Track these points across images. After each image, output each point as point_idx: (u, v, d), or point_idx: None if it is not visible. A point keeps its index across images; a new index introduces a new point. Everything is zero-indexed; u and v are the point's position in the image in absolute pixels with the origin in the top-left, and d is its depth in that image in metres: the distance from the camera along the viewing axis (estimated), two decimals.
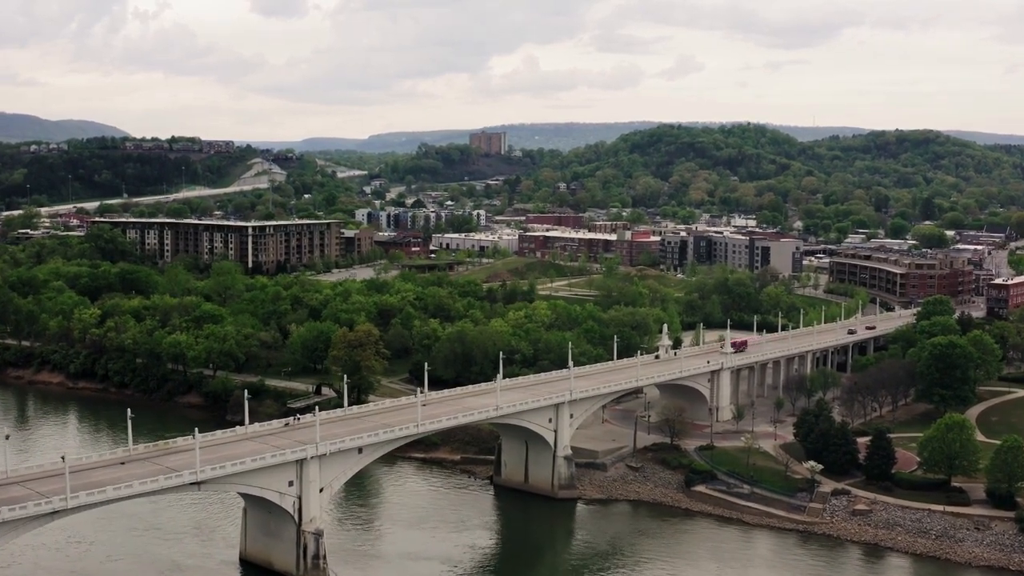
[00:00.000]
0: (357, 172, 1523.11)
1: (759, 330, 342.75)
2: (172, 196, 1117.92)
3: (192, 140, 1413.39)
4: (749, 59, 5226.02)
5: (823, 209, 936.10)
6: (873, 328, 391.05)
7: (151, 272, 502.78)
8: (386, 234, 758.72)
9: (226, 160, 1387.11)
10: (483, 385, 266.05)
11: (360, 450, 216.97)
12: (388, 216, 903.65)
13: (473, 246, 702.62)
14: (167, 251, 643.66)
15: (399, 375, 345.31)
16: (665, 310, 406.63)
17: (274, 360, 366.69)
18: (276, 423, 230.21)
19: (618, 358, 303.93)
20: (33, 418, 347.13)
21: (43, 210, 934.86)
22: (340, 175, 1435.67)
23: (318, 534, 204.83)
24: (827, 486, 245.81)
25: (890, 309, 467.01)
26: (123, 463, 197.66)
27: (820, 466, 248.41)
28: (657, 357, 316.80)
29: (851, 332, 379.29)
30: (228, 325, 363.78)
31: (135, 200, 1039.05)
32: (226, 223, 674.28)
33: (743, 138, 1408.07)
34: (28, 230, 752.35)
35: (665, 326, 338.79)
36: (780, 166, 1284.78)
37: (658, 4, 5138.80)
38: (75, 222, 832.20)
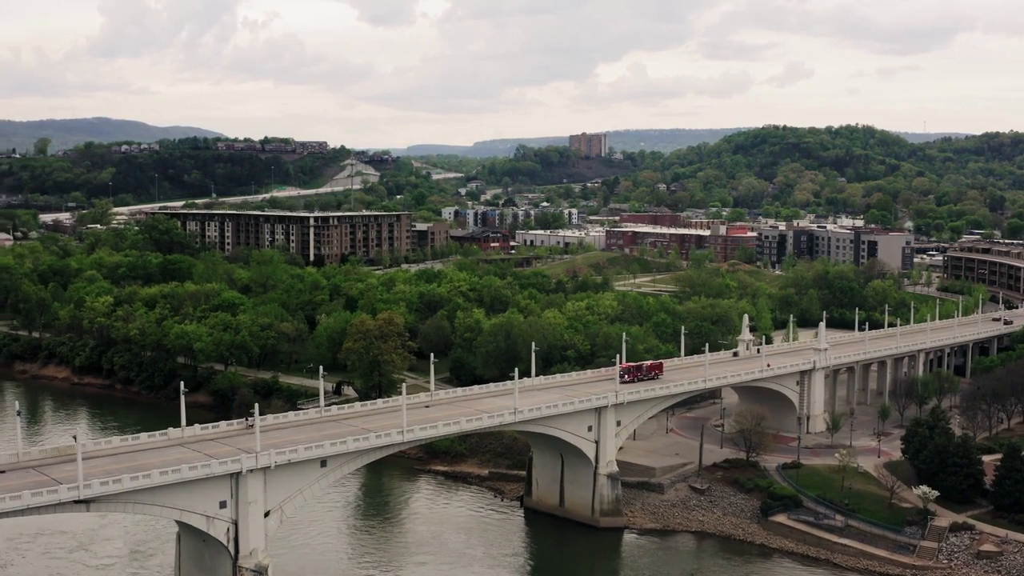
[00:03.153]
0: (453, 174, 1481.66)
1: (861, 327, 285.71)
2: (260, 196, 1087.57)
3: (285, 141, 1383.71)
4: (861, 65, 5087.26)
5: (935, 209, 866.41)
6: (1011, 323, 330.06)
7: (194, 262, 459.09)
8: (464, 230, 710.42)
9: (319, 161, 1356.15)
10: (509, 384, 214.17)
11: (323, 462, 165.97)
12: (475, 214, 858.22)
13: (558, 242, 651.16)
14: (228, 243, 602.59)
15: (440, 374, 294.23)
16: (754, 304, 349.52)
17: (299, 355, 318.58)
18: (237, 423, 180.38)
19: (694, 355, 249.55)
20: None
21: (124, 208, 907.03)
22: (435, 177, 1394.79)
23: (259, 572, 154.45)
24: (944, 519, 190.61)
25: (1013, 306, 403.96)
26: (2, 471, 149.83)
27: (935, 492, 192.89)
28: (736, 354, 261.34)
29: (1006, 322, 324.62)
30: (243, 315, 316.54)
31: (221, 200, 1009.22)
32: (287, 214, 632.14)
33: (851, 139, 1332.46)
34: (98, 224, 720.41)
35: (746, 317, 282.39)
36: (890, 167, 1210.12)
37: (768, 9, 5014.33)
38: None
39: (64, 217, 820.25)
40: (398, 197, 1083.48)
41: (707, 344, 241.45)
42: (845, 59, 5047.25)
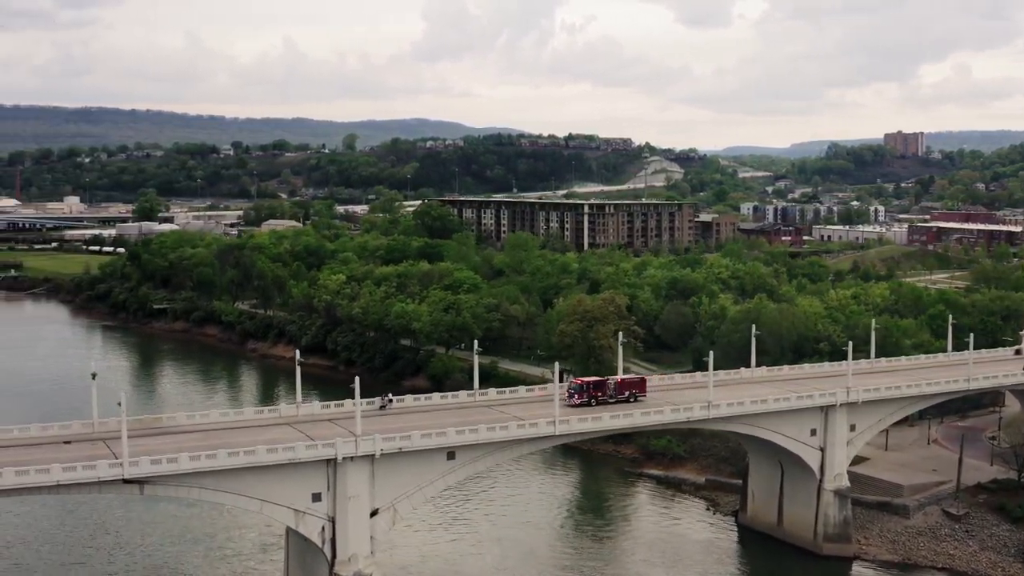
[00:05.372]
0: (762, 173, 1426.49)
1: None
2: (560, 192, 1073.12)
3: (590, 138, 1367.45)
4: None
5: None
6: None
7: (453, 245, 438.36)
8: (758, 224, 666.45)
9: (623, 158, 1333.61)
10: (721, 374, 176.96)
11: (451, 454, 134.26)
12: (775, 209, 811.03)
13: (857, 238, 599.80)
14: (504, 231, 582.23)
15: (683, 367, 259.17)
16: None
17: (530, 341, 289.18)
18: (366, 403, 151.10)
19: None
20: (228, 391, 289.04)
21: (416, 202, 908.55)
22: (742, 175, 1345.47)
23: None
24: None
25: None
26: (68, 442, 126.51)
27: None
28: (1019, 352, 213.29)
29: None
30: (464, 295, 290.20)
31: (521, 195, 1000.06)
32: (562, 201, 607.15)
33: None
34: (385, 214, 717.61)
35: None
36: None
37: None
38: None
39: (359, 209, 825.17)
40: (700, 194, 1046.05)
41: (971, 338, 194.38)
42: None
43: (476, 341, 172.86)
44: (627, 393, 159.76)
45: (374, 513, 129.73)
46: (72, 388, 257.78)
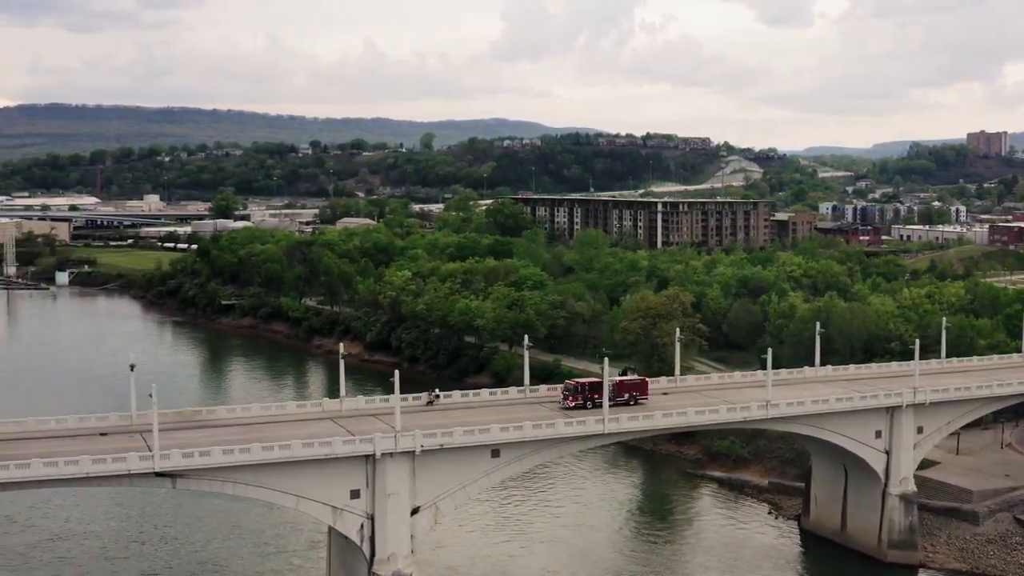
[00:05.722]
0: (842, 173, 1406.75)
1: None
2: (637, 191, 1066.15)
3: (668, 137, 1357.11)
4: None
5: None
6: None
7: (522, 242, 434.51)
8: (836, 224, 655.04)
9: (701, 158, 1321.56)
10: (783, 373, 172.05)
11: (495, 451, 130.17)
12: (854, 209, 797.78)
13: (936, 238, 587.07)
14: (576, 229, 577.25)
15: (751, 366, 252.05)
16: None
17: (596, 339, 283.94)
18: (413, 398, 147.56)
19: None
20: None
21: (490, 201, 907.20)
22: (822, 175, 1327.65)
23: None
24: None
25: None
26: (104, 434, 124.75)
27: None
28: None
29: None
30: (528, 291, 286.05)
31: (597, 194, 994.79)
32: (635, 199, 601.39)
33: None
34: (460, 212, 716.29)
35: None
36: None
37: None
38: None
39: (435, 207, 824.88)
40: (779, 194, 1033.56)
41: None
42: None
43: (527, 336, 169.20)
44: (627, 396, 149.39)
45: (415, 511, 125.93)
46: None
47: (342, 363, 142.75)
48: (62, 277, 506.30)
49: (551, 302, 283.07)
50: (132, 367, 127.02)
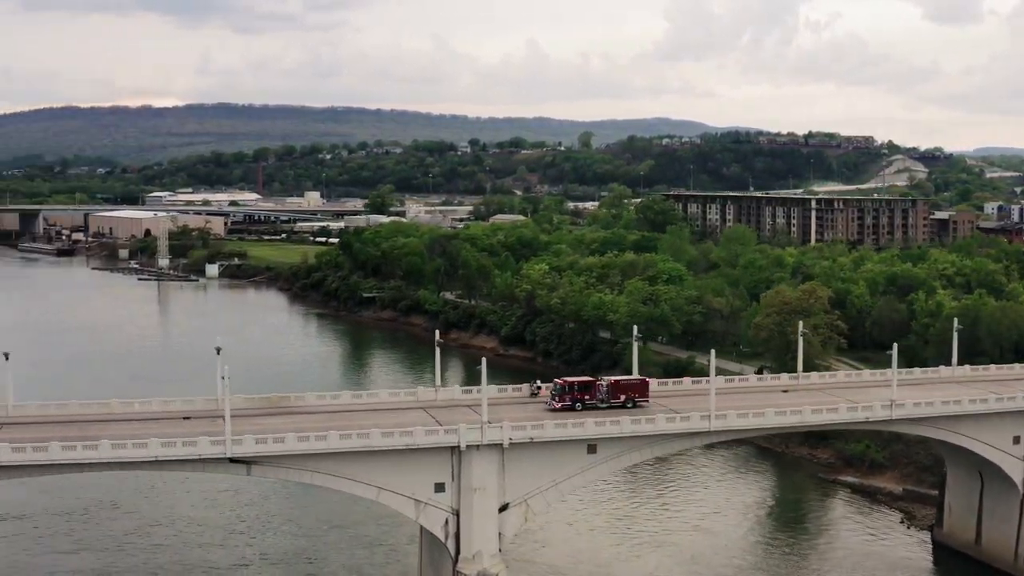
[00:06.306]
0: (1011, 173, 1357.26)
1: None
2: (796, 191, 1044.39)
3: (830, 136, 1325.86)
4: None
5: None
6: None
7: (667, 238, 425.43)
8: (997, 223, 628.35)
9: (864, 157, 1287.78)
10: (917, 372, 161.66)
11: (592, 447, 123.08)
12: (1020, 209, 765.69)
13: None
14: (728, 224, 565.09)
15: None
16: None
17: (738, 336, 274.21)
18: (512, 389, 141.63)
19: None
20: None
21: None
22: (989, 175, 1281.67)
23: None
24: None
25: None
26: (187, 418, 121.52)
27: None
28: None
29: None
30: (662, 285, 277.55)
31: (756, 193, 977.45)
32: (789, 196, 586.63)
33: None
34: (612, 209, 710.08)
35: None
36: None
37: None
38: None
39: (590, 205, 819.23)
40: (944, 194, 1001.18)
41: None
42: None
43: (635, 327, 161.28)
44: (623, 397, 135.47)
45: (503, 508, 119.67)
46: (268, 371, 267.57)
47: (438, 351, 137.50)
48: (212, 269, 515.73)
49: (687, 297, 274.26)
50: (218, 350, 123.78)
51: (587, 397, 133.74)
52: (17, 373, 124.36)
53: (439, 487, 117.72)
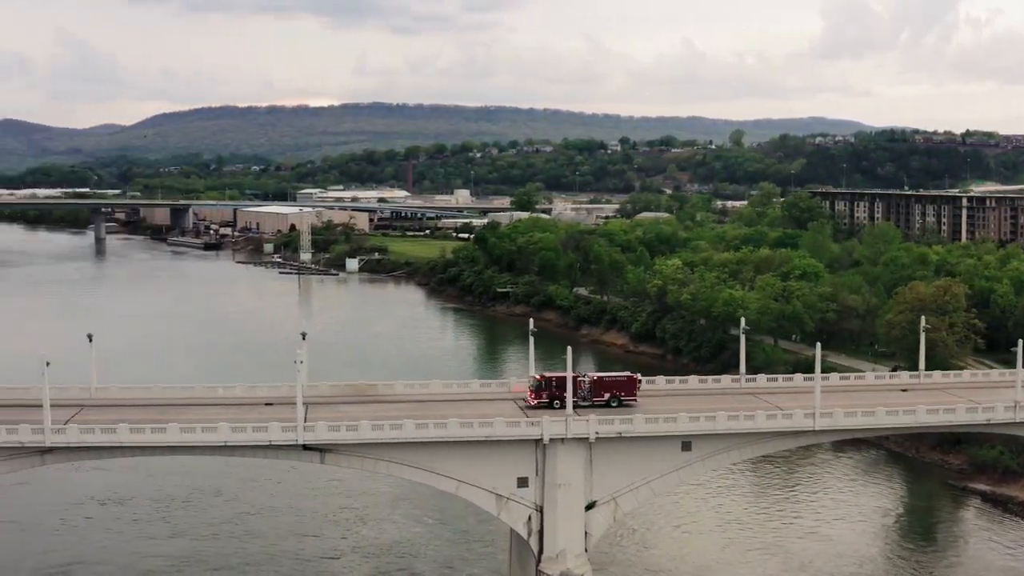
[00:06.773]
0: None
1: None
2: (955, 191, 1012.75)
3: (988, 135, 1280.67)
4: None
5: None
6: None
7: (809, 235, 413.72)
8: None
9: None
10: None
11: (687, 444, 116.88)
12: None
13: None
14: (877, 223, 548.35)
15: None
16: None
17: (874, 334, 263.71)
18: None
19: None
20: None
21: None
22: None
23: None
24: None
25: None
26: (270, 404, 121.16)
27: None
28: None
29: None
30: (795, 282, 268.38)
31: (911, 193, 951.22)
32: (939, 194, 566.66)
33: None
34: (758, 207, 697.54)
35: None
36: None
37: None
38: None
39: (739, 203, 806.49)
40: None
41: None
42: None
43: (743, 319, 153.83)
44: (606, 395, 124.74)
45: (590, 506, 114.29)
46: (391, 361, 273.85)
47: (531, 340, 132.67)
48: (352, 264, 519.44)
49: (821, 294, 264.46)
50: (304, 335, 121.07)
51: (559, 395, 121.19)
52: (140, 358, 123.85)
53: (522, 482, 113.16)
